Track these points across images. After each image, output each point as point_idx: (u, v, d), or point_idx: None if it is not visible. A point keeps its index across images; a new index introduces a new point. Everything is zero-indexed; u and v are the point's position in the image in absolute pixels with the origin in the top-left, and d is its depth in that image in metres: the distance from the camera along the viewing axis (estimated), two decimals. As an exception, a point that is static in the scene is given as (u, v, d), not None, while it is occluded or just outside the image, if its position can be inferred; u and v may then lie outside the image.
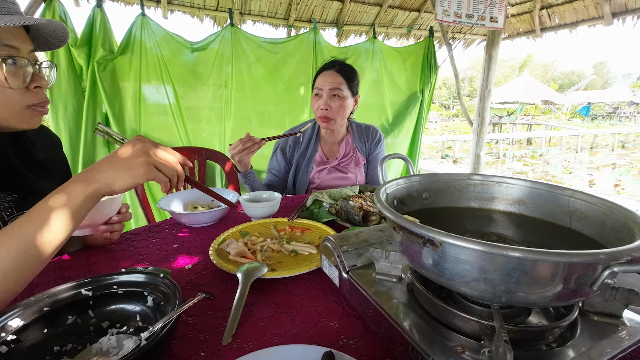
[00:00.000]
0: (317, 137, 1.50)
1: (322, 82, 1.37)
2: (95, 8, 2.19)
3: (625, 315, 0.44)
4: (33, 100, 0.66)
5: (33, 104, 0.67)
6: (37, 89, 0.67)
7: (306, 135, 1.49)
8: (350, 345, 0.50)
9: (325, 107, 1.35)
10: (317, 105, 1.38)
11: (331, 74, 1.37)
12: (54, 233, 0.53)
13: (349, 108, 1.41)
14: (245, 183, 1.33)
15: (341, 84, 1.36)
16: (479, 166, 3.68)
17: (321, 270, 0.67)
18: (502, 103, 17.68)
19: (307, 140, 1.49)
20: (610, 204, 0.45)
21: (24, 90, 0.65)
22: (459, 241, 0.34)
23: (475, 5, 2.87)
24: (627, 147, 10.39)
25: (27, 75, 0.64)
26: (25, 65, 0.64)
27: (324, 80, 1.37)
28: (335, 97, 1.36)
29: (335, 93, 1.35)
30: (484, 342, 0.38)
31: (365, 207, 0.94)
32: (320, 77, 1.39)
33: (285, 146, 1.49)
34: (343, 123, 1.47)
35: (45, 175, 0.82)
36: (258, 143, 1.23)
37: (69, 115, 2.20)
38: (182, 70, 2.52)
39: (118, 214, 0.82)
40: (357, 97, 1.45)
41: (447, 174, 0.61)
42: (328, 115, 1.36)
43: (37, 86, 0.66)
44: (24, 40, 0.64)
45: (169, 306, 0.49)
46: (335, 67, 1.38)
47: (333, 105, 1.36)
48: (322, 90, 1.36)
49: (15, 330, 0.45)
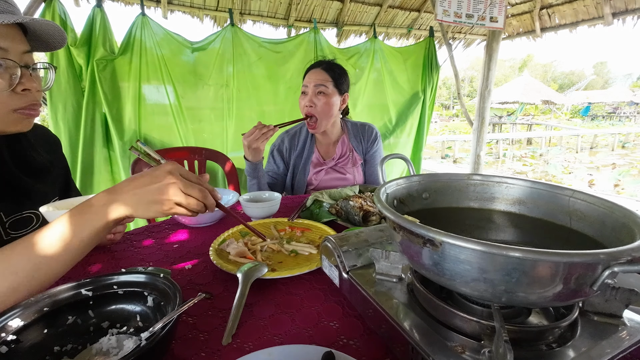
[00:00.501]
0: (313, 138, 1.49)
1: (307, 80, 1.37)
2: (95, 8, 2.19)
3: (625, 315, 0.44)
4: (19, 103, 0.64)
5: (20, 107, 0.64)
6: (25, 91, 0.64)
7: (301, 137, 1.49)
8: (350, 345, 0.50)
9: (310, 104, 1.34)
10: (303, 103, 1.37)
11: (317, 72, 1.36)
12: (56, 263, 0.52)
13: (335, 106, 1.38)
14: (253, 176, 1.30)
15: (326, 81, 1.34)
16: (479, 166, 3.68)
17: (321, 270, 0.67)
18: (502, 103, 17.68)
19: (303, 141, 1.48)
20: (610, 204, 0.45)
21: (9, 93, 0.62)
22: (459, 241, 0.34)
23: (475, 5, 2.87)
24: (627, 147, 10.39)
25: (14, 78, 0.62)
26: (12, 67, 0.61)
27: (309, 77, 1.37)
28: (320, 94, 1.34)
29: (320, 90, 1.34)
30: (484, 342, 0.38)
31: (365, 207, 0.94)
32: (306, 76, 1.39)
33: (281, 148, 1.49)
34: (330, 122, 1.42)
35: (44, 180, 0.81)
36: (272, 130, 1.22)
37: (69, 115, 2.20)
38: (183, 70, 2.52)
39: None
40: (345, 95, 1.43)
41: (447, 174, 0.61)
42: (312, 112, 1.35)
43: (25, 89, 0.64)
44: (15, 40, 0.62)
45: (169, 306, 0.49)
46: (322, 65, 1.38)
47: (318, 102, 1.34)
48: (307, 88, 1.36)
49: (15, 330, 0.45)
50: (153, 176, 0.54)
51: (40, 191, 0.79)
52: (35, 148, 0.83)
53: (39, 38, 0.69)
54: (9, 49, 0.61)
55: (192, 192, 0.55)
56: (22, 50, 0.64)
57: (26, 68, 0.64)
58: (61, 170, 0.91)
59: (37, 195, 0.77)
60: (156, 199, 0.53)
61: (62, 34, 0.70)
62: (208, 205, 0.58)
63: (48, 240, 0.51)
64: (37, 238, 0.51)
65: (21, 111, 0.65)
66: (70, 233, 0.52)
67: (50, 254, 0.51)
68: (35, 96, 0.67)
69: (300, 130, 1.50)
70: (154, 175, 0.54)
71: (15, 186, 0.74)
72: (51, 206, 0.71)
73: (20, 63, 0.63)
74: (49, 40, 0.70)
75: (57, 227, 0.52)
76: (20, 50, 0.63)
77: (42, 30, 0.67)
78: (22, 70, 0.63)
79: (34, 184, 0.78)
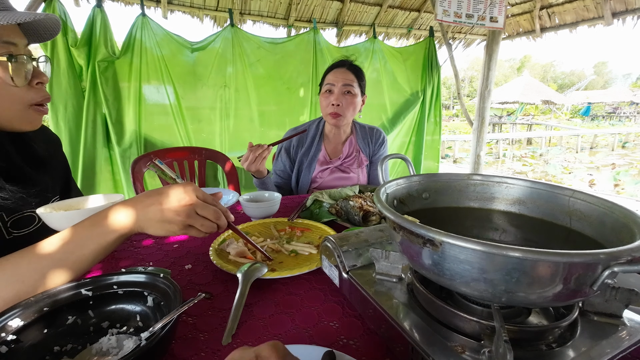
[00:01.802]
0: (321, 136, 1.50)
1: (333, 79, 1.36)
2: (95, 8, 2.19)
3: (625, 315, 0.44)
4: (36, 97, 0.65)
5: (37, 101, 0.65)
6: (39, 85, 0.65)
7: (310, 134, 1.49)
8: (350, 345, 0.50)
9: (337, 102, 1.35)
10: (328, 101, 1.37)
11: (343, 71, 1.37)
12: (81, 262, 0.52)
13: (358, 106, 1.42)
14: (262, 188, 1.31)
15: (353, 81, 1.37)
16: (479, 166, 3.68)
17: (321, 270, 0.67)
18: (502, 103, 17.68)
19: (311, 138, 1.49)
20: (610, 204, 0.45)
21: (27, 88, 0.63)
22: (459, 241, 0.34)
23: (475, 5, 2.87)
24: (627, 147, 10.39)
25: (28, 72, 0.63)
26: (26, 61, 0.62)
27: (336, 76, 1.36)
28: (347, 93, 1.36)
29: (347, 90, 1.36)
30: (484, 342, 0.38)
31: (365, 207, 0.94)
32: (331, 74, 1.39)
33: (289, 146, 1.49)
34: (350, 121, 1.48)
35: (44, 171, 0.82)
36: (267, 149, 1.20)
37: (69, 115, 2.20)
38: (183, 70, 2.53)
39: None
40: (364, 97, 1.46)
41: (447, 174, 0.61)
42: (338, 111, 1.36)
43: (39, 82, 0.65)
44: (19, 35, 0.63)
45: (169, 306, 0.49)
46: (346, 65, 1.39)
47: (344, 102, 1.36)
48: (334, 86, 1.36)
49: (15, 330, 0.45)
50: (170, 196, 0.54)
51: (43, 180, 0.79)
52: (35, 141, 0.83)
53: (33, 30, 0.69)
54: (18, 44, 0.61)
55: (207, 214, 0.55)
56: (25, 43, 0.64)
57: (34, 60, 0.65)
58: (61, 169, 0.91)
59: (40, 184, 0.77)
60: (170, 218, 0.53)
61: (58, 24, 0.70)
62: (220, 226, 0.58)
63: (58, 250, 0.51)
64: (47, 247, 0.51)
65: (36, 107, 0.66)
66: (80, 244, 0.52)
67: (59, 263, 0.51)
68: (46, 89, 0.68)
69: (310, 127, 1.51)
70: (172, 194, 0.54)
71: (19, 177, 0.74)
72: (49, 207, 0.71)
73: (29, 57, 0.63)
74: (42, 32, 0.70)
75: (69, 236, 0.52)
76: (24, 43, 0.64)
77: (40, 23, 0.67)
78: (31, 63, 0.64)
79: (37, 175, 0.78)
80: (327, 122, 1.44)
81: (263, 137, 2.86)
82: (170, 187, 0.56)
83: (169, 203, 0.53)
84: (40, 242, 0.51)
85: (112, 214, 0.54)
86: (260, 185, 1.31)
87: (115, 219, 0.54)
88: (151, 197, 0.54)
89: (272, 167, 1.53)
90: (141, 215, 0.53)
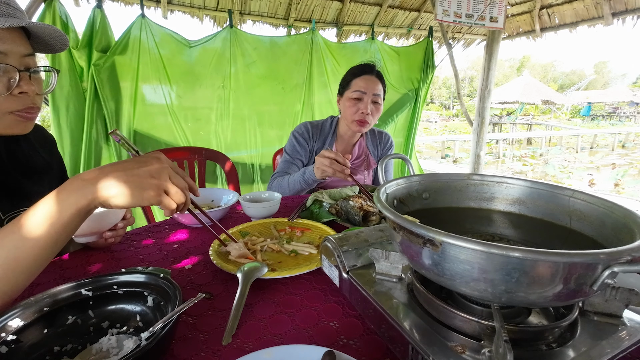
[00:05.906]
0: (334, 135, 1.50)
1: (364, 86, 1.36)
2: (95, 9, 2.19)
3: (625, 315, 0.44)
4: (16, 106, 0.64)
5: (16, 109, 0.64)
6: (22, 94, 0.63)
7: (324, 131, 1.50)
8: (350, 345, 0.50)
9: (367, 111, 1.36)
10: (357, 107, 1.37)
11: (373, 80, 1.37)
12: (39, 248, 0.48)
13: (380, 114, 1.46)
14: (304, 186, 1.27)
15: (381, 91, 1.39)
16: (479, 166, 3.68)
17: (321, 270, 0.67)
18: (502, 103, 17.68)
19: (325, 135, 1.49)
20: (610, 204, 0.45)
21: (7, 96, 0.62)
22: (459, 241, 0.34)
23: (475, 5, 2.87)
24: (627, 147, 10.39)
25: (12, 82, 0.62)
26: (10, 70, 0.61)
27: (367, 84, 1.36)
28: (375, 103, 1.38)
29: (376, 100, 1.38)
30: (484, 342, 0.38)
31: (365, 207, 0.94)
32: (361, 80, 1.37)
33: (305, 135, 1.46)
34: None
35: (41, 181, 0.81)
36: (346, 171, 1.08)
37: (71, 116, 2.20)
38: (181, 70, 2.53)
39: (122, 219, 0.81)
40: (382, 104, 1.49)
41: (447, 174, 0.61)
42: (367, 119, 1.37)
43: (22, 92, 0.63)
44: (16, 43, 0.62)
45: (169, 306, 0.49)
46: (374, 72, 1.39)
47: (372, 110, 1.38)
48: (364, 94, 1.36)
49: (15, 330, 0.45)
50: (143, 161, 0.52)
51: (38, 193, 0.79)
52: (36, 149, 0.83)
53: (42, 40, 0.69)
54: (9, 53, 0.61)
55: (179, 182, 0.54)
56: (23, 53, 0.64)
57: (26, 71, 0.64)
58: (57, 170, 0.91)
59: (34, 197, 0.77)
60: (146, 182, 0.50)
61: (64, 38, 0.70)
62: (186, 201, 0.56)
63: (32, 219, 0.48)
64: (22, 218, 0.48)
65: (17, 113, 0.65)
66: (55, 210, 0.48)
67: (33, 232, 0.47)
68: (32, 99, 0.66)
69: (324, 124, 1.51)
70: (145, 160, 0.52)
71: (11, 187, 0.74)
72: None
73: (19, 66, 0.63)
74: (52, 43, 0.70)
75: (42, 204, 0.48)
76: (21, 53, 0.63)
77: (44, 34, 0.67)
78: (21, 73, 0.63)
79: (32, 186, 0.77)
80: (349, 126, 1.42)
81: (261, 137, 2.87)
82: (142, 155, 0.54)
83: (139, 169, 0.50)
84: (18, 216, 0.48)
85: (87, 175, 0.50)
86: (309, 183, 1.25)
87: (90, 180, 0.49)
88: (125, 162, 0.51)
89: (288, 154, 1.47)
90: (116, 179, 0.49)
